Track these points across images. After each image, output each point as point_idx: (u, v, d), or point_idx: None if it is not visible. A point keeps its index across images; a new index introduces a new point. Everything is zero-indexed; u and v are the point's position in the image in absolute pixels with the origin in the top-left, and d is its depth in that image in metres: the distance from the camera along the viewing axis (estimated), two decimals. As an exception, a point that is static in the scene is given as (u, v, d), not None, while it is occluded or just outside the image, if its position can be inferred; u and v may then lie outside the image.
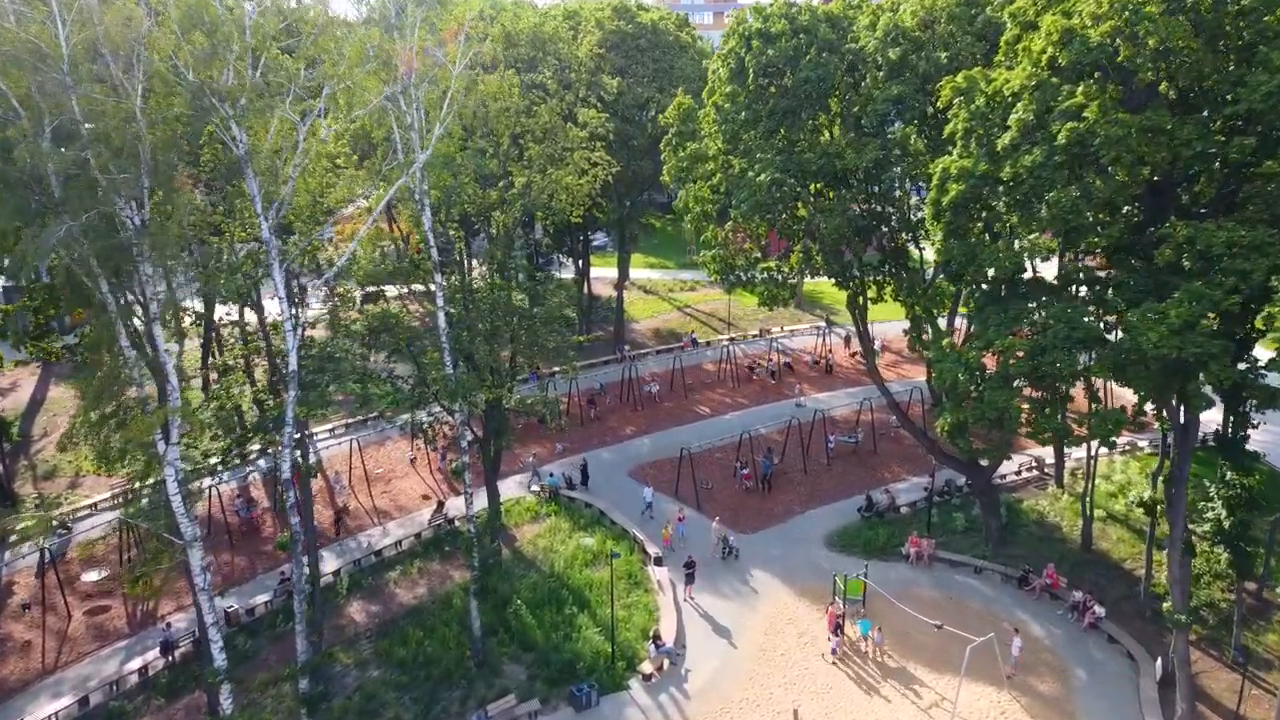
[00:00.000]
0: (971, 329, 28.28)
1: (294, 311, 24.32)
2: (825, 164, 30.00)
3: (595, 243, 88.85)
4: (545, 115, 37.64)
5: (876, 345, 61.46)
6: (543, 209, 37.47)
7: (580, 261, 63.93)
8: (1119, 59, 21.23)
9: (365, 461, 46.23)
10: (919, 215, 34.53)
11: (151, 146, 20.08)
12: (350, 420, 49.27)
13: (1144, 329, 20.16)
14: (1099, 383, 34.01)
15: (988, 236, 25.76)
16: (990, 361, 25.27)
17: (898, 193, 32.22)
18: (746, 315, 70.64)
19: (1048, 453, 45.88)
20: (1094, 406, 24.71)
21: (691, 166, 33.91)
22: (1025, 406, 25.16)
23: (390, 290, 36.44)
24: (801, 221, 31.79)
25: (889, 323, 66.05)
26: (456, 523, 41.31)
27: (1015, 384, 24.37)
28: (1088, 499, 37.31)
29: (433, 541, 39.62)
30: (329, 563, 38.26)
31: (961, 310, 32.69)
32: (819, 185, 32.35)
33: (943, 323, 36.02)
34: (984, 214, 25.05)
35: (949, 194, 24.14)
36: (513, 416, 40.53)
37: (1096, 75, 22.53)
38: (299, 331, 24.31)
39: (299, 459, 28.96)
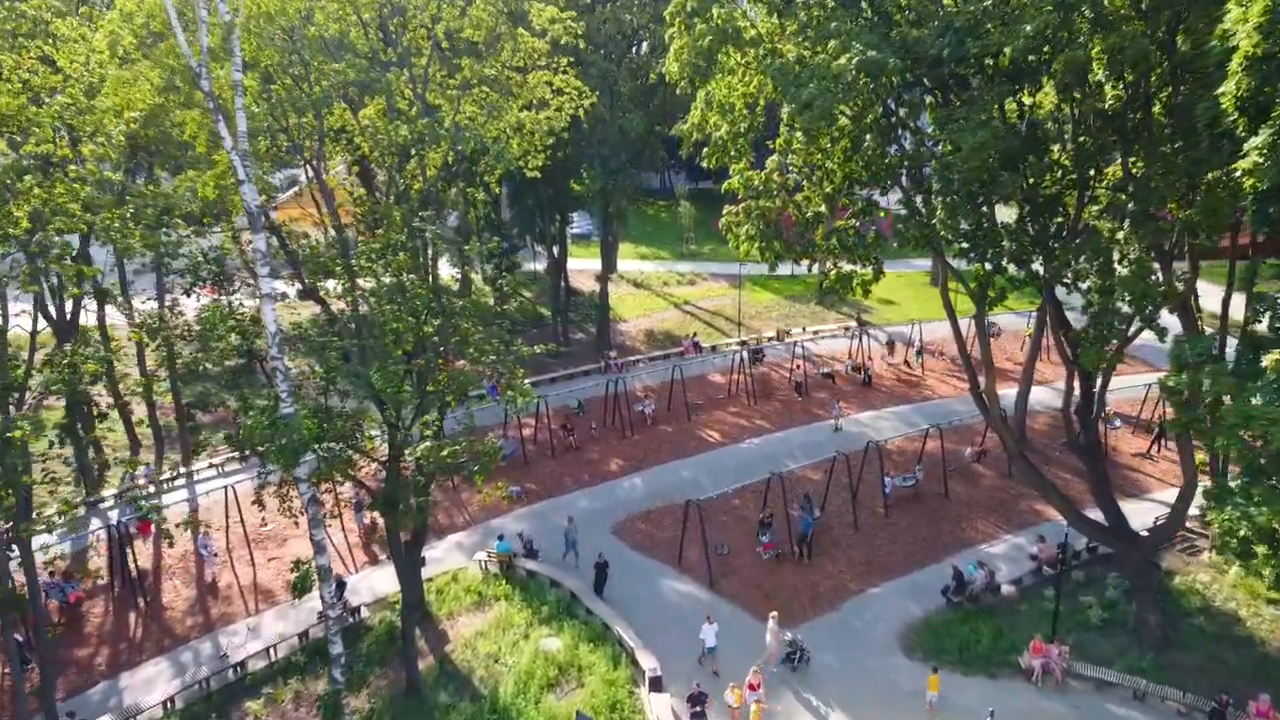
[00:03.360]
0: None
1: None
2: (950, 46, 17.47)
3: (577, 230, 76.70)
4: (483, 13, 25.13)
5: (916, 349, 49.31)
6: (475, 152, 25.01)
7: (556, 247, 51.38)
8: None
9: (254, 514, 33.71)
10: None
11: None
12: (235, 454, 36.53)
13: None
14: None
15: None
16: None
17: (1075, 94, 19.43)
18: (760, 313, 58.25)
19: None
20: None
21: (713, 49, 21.02)
22: None
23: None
24: (898, 152, 19.24)
25: (935, 322, 53.96)
26: (363, 611, 28.78)
27: None
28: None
29: (322, 645, 26.95)
30: (159, 686, 25.60)
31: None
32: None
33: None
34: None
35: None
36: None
37: None
38: None
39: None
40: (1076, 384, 24.52)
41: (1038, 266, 19.71)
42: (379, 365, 18.88)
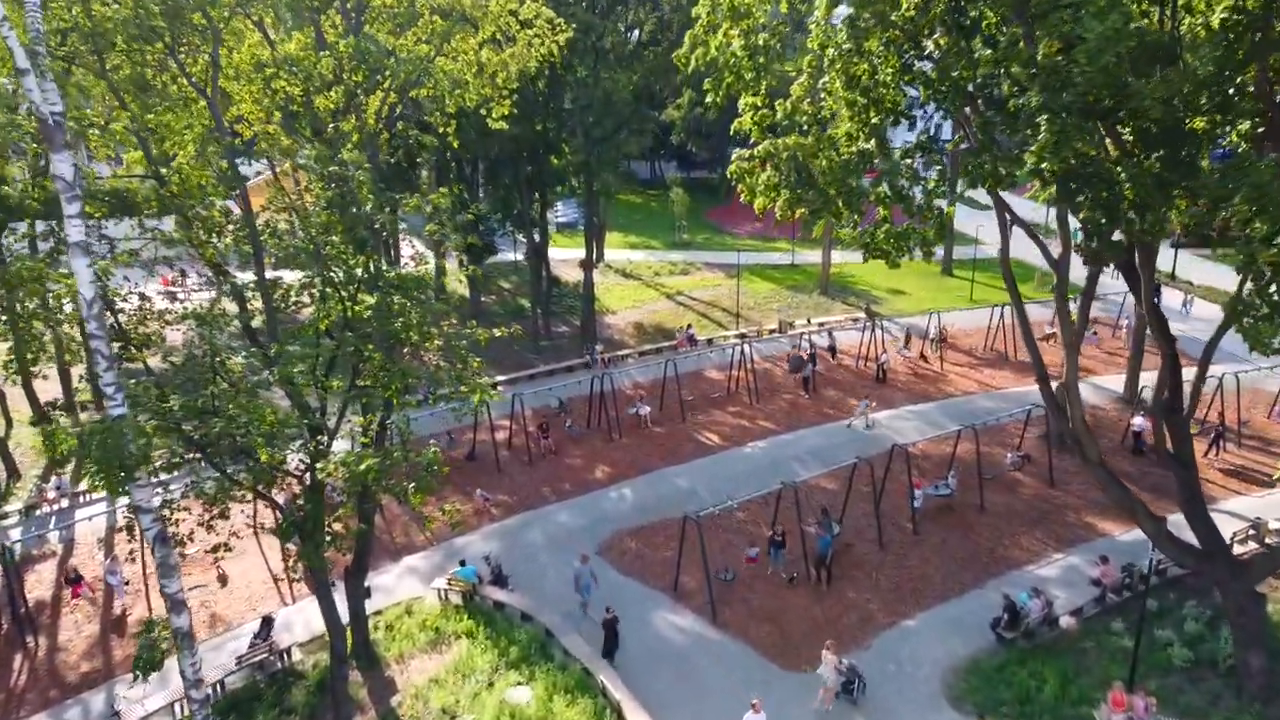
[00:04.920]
0: None
1: None
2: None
3: (561, 218, 72.26)
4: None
5: (934, 341, 44.77)
6: (430, 95, 20.27)
7: (536, 231, 46.49)
8: None
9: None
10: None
11: None
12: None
13: None
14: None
15: None
16: None
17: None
18: (759, 304, 53.60)
19: (1265, 505, 29.27)
20: None
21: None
22: None
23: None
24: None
25: (954, 311, 49.52)
26: (295, 653, 23.91)
27: None
28: None
29: (240, 699, 22.17)
30: (30, 754, 20.73)
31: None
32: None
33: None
34: None
35: None
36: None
37: None
38: None
39: None
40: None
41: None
42: (280, 346, 14.07)
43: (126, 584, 26.87)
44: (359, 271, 15.86)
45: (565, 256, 60.43)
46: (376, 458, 14.76)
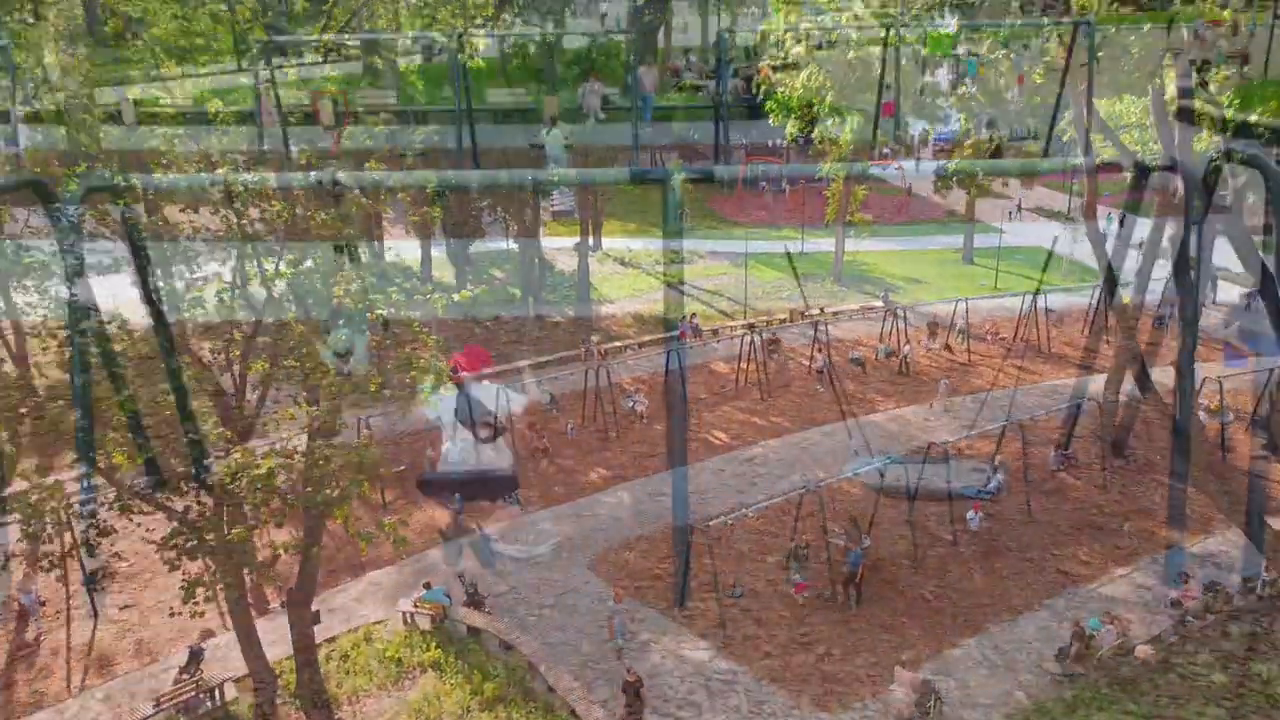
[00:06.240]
0: None
1: None
2: None
3: (557, 207, 68.55)
4: None
5: (958, 331, 41.14)
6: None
7: (528, 213, 42.66)
8: None
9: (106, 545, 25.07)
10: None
11: None
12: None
13: None
14: None
15: None
16: None
17: None
18: (768, 293, 49.90)
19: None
20: None
21: None
22: None
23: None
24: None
25: (983, 299, 45.82)
26: (229, 690, 20.18)
27: None
28: None
29: (157, 752, 18.55)
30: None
31: None
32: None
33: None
34: None
35: None
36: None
37: None
38: None
39: None
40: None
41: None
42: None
43: (42, 604, 23.18)
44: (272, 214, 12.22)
45: (558, 245, 56.88)
46: (283, 457, 11.15)
